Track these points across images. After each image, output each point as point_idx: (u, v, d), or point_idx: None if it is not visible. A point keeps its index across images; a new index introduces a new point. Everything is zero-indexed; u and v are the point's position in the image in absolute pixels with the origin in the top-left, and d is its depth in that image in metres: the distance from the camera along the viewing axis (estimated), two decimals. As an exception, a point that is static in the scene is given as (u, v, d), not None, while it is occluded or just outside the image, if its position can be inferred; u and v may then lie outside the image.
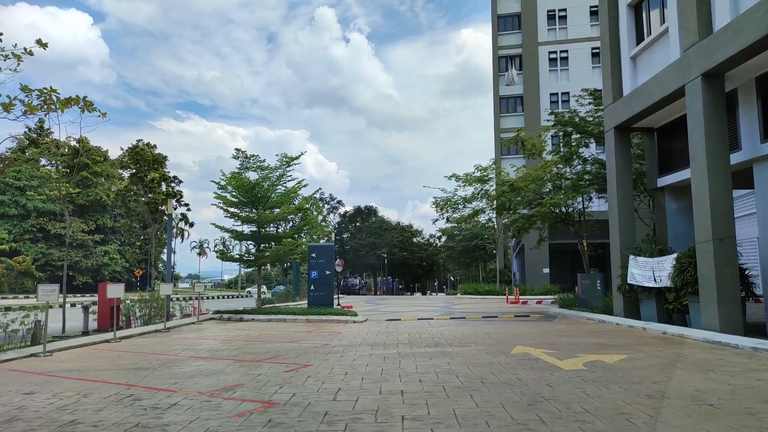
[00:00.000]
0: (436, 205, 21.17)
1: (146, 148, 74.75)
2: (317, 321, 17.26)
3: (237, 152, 19.88)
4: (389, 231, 68.77)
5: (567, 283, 39.31)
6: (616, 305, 15.00)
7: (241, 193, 20.14)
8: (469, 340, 11.35)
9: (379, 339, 11.93)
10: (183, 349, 10.96)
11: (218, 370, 8.13)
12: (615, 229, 15.12)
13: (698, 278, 11.26)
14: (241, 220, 20.56)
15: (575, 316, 16.80)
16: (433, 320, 17.08)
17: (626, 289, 14.32)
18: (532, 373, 7.22)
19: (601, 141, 18.76)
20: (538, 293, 31.74)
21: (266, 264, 20.84)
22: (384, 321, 17.07)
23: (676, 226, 14.66)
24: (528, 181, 18.84)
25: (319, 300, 19.05)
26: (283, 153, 20.28)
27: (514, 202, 19.47)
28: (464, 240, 46.41)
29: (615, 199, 15.07)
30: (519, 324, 15.10)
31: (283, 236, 20.44)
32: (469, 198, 20.98)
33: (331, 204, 71.34)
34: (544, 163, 19.44)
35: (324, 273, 19.23)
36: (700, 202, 11.14)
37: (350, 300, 34.19)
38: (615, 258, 15.16)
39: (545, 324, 14.94)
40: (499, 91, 43.71)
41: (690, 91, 11.45)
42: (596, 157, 18.99)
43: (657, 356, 8.65)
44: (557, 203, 18.15)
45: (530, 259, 39.49)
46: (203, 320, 18.71)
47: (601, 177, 17.95)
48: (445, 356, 9.01)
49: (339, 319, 17.19)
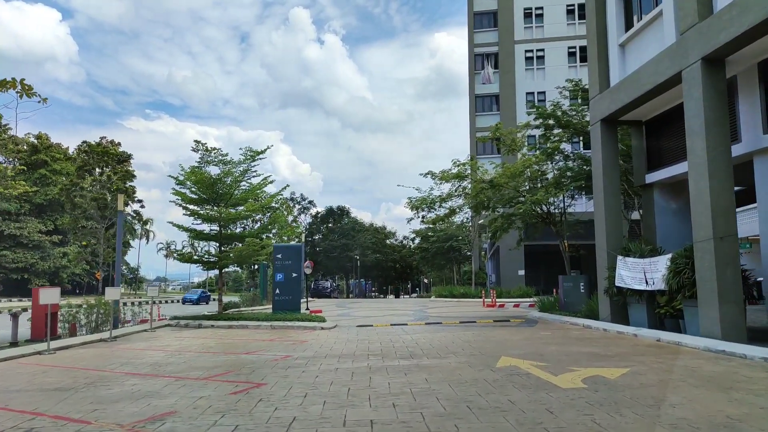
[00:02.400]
0: (410, 205, 19.98)
1: (110, 145, 72.32)
2: (282, 328, 15.95)
3: (197, 144, 18.41)
4: (362, 232, 67.41)
5: (541, 285, 38.67)
6: (602, 309, 14.07)
7: (202, 189, 18.68)
8: (447, 349, 10.21)
9: (348, 349, 10.70)
10: (122, 363, 9.57)
11: (154, 391, 6.81)
12: (601, 227, 14.20)
13: (696, 280, 10.34)
14: (202, 219, 19.10)
15: (558, 320, 15.85)
16: (408, 326, 15.93)
17: (614, 292, 13.39)
18: (525, 394, 6.11)
19: (584, 135, 17.90)
20: (515, 296, 30.88)
21: (229, 266, 19.40)
22: (354, 327, 15.85)
23: (666, 225, 13.81)
24: (508, 177, 17.85)
25: (285, 305, 17.71)
26: (248, 146, 18.88)
27: (493, 201, 18.47)
28: (438, 241, 45.42)
29: (602, 195, 14.16)
30: (499, 330, 14.05)
31: (247, 236, 19.02)
32: (446, 196, 19.88)
33: (302, 204, 69.53)
34: (524, 158, 18.48)
35: (290, 275, 17.89)
36: (699, 197, 10.23)
37: (321, 304, 32.83)
38: (601, 259, 14.23)
39: (528, 330, 13.91)
40: (475, 90, 42.92)
41: (688, 77, 10.54)
42: (580, 153, 18.10)
43: (661, 369, 7.63)
44: (539, 200, 17.15)
45: (506, 260, 38.72)
46: (158, 327, 17.21)
47: (585, 174, 17.10)
48: (422, 371, 7.84)
49: (306, 325, 15.91)
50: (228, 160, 18.88)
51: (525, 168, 17.90)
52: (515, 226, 20.36)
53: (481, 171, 19.62)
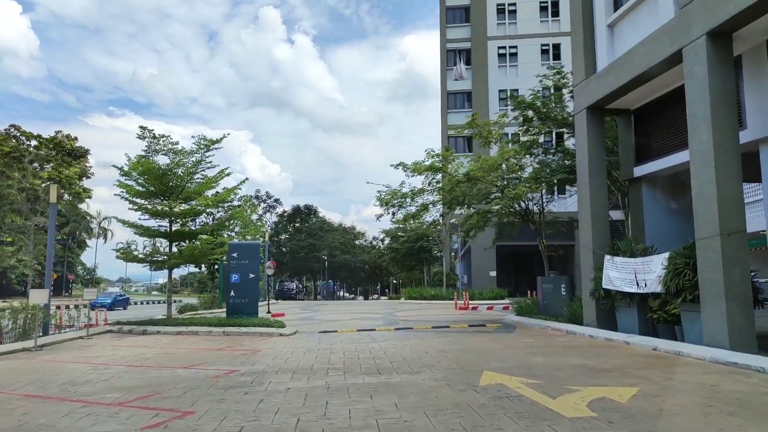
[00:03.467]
0: (380, 200, 18.49)
1: (66, 140, 68.82)
2: (236, 334, 14.36)
3: (142, 131, 16.63)
4: (331, 232, 65.67)
5: (512, 286, 37.80)
6: (587, 314, 12.93)
7: (149, 180, 16.92)
8: (420, 361, 8.85)
9: (306, 361, 9.24)
10: (31, 380, 7.91)
11: (44, 424, 5.26)
12: (586, 224, 13.07)
13: (699, 282, 9.22)
14: (150, 214, 17.32)
15: (538, 325, 14.67)
16: (375, 332, 14.53)
17: (601, 295, 12.26)
18: (523, 426, 4.78)
19: (565, 127, 16.81)
20: (487, 297, 29.82)
21: (179, 266, 17.67)
22: (317, 334, 14.37)
23: (656, 222, 12.76)
24: (485, 170, 16.63)
25: (241, 308, 16.09)
26: (201, 134, 17.20)
27: (469, 196, 17.23)
28: (409, 241, 44.13)
29: (587, 190, 13.02)
30: (476, 336, 12.77)
31: (200, 233, 17.33)
32: (418, 191, 18.53)
33: (268, 203, 67.17)
34: (501, 150, 17.27)
35: (247, 276, 16.27)
36: (703, 189, 9.12)
37: (285, 306, 31.19)
38: (586, 259, 13.10)
39: (507, 337, 12.67)
40: (447, 87, 41.83)
41: (690, 54, 9.43)
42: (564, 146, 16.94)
43: (675, 389, 6.41)
44: (519, 195, 15.94)
45: (477, 261, 37.72)
46: (98, 333, 15.43)
47: (566, 167, 16.02)
48: (391, 391, 6.45)
49: (262, 331, 14.36)
50: (179, 149, 17.17)
51: (503, 160, 16.70)
52: (491, 224, 19.19)
53: (455, 164, 18.34)
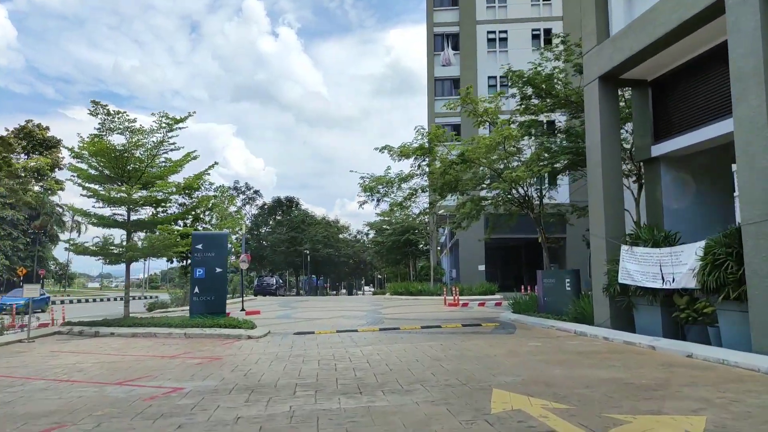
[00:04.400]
0: (363, 187, 16.59)
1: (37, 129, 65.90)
2: (198, 337, 12.61)
3: (95, 106, 14.67)
4: (313, 225, 63.61)
5: (499, 280, 36.37)
6: (599, 312, 11.36)
7: (104, 163, 15.03)
8: (411, 374, 7.18)
9: (271, 374, 7.53)
10: None
11: None
12: (598, 211, 11.48)
13: (746, 276, 7.66)
14: (105, 201, 15.42)
15: (539, 325, 13.09)
16: (358, 333, 12.86)
17: (616, 291, 10.68)
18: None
19: (569, 106, 15.21)
20: (477, 292, 28.25)
21: (138, 259, 15.77)
22: (291, 335, 12.66)
23: (676, 208, 11.22)
24: (482, 151, 14.93)
25: (207, 306, 14.28)
26: (164, 111, 15.30)
27: (462, 182, 15.55)
28: (394, 234, 42.41)
29: (599, 171, 11.43)
30: (473, 339, 11.14)
31: (161, 222, 15.45)
32: (406, 176, 16.74)
33: (248, 194, 64.65)
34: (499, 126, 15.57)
35: (213, 271, 14.46)
36: (753, 162, 7.56)
37: (263, 303, 29.38)
38: (598, 250, 11.52)
39: (509, 339, 11.06)
40: (434, 73, 40.10)
41: (736, 3, 7.83)
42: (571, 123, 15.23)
43: (754, 417, 4.81)
44: (520, 177, 14.22)
45: (466, 255, 36.18)
46: (45, 336, 13.60)
47: (571, 149, 14.44)
48: (374, 421, 4.76)
49: (229, 333, 12.60)
50: (137, 128, 15.25)
51: (502, 138, 15.01)
52: (486, 213, 17.53)
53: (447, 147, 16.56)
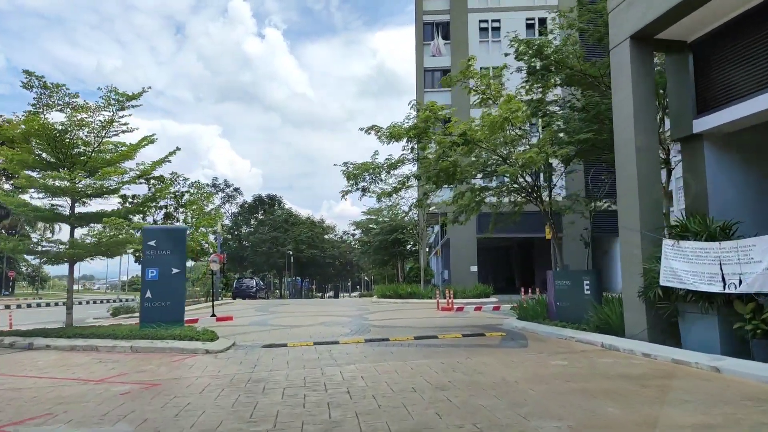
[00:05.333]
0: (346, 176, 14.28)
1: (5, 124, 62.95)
2: (145, 351, 10.42)
3: (29, 77, 12.38)
4: (298, 225, 61.10)
5: (490, 282, 34.50)
6: (631, 321, 9.36)
7: (42, 144, 12.79)
8: (408, 415, 5.09)
9: (215, 412, 5.39)
10: None
11: None
12: (631, 197, 9.48)
13: None
14: (43, 190, 13.18)
15: (554, 335, 11.07)
16: (339, 345, 10.75)
17: (657, 297, 8.68)
18: None
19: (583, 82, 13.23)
20: (471, 295, 26.19)
21: (82, 258, 13.48)
22: (259, 349, 10.51)
23: (722, 192, 9.26)
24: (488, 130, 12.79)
25: (161, 314, 12.05)
26: (112, 86, 13.06)
27: (461, 168, 13.43)
28: (381, 233, 40.25)
29: (631, 150, 9.44)
30: (481, 356, 9.07)
31: (110, 215, 13.20)
32: (396, 162, 14.59)
33: (227, 192, 61.66)
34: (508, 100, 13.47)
35: (169, 272, 12.23)
36: None
37: (239, 307, 27.04)
38: (629, 245, 9.51)
39: (525, 356, 9.01)
40: (423, 63, 38.06)
41: None
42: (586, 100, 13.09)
43: None
44: (533, 160, 12.00)
45: (457, 255, 34.20)
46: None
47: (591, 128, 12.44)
48: None
49: (184, 347, 10.42)
50: (81, 104, 13.02)
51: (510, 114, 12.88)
52: (490, 204, 15.41)
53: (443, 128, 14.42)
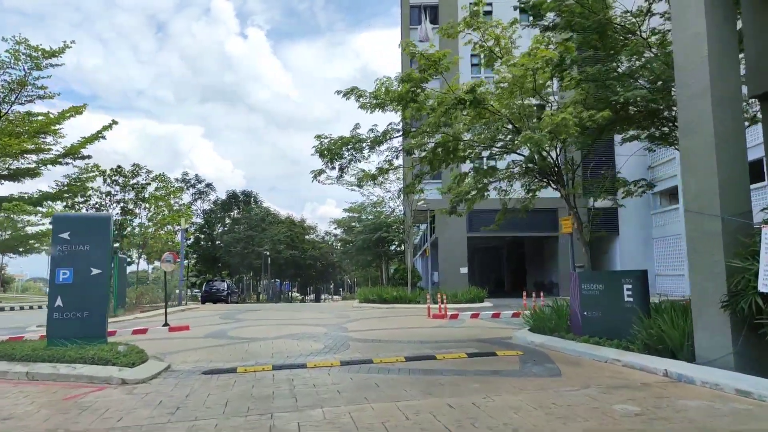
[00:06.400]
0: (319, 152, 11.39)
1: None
2: (46, 378, 7.67)
3: None
4: (276, 224, 57.99)
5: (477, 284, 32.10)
6: (708, 341, 6.79)
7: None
8: None
9: None
10: None
11: None
12: (706, 169, 6.92)
13: None
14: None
15: (590, 356, 8.49)
16: (306, 370, 8.06)
17: (751, 309, 6.13)
18: None
19: (625, 51, 10.72)
20: (464, 300, 23.56)
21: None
22: (197, 376, 7.78)
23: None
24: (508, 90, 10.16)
25: (75, 329, 9.19)
26: (23, 37, 10.23)
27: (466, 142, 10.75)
28: (364, 232, 37.54)
29: (706, 104, 6.88)
30: (505, 393, 6.44)
31: (13, 200, 10.32)
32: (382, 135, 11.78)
33: (198, 188, 57.94)
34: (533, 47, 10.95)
35: (87, 272, 9.36)
36: None
37: (203, 314, 24.14)
38: (702, 236, 6.94)
39: (571, 395, 6.40)
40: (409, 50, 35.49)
41: None
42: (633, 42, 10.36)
43: None
44: (565, 126, 9.15)
45: (447, 256, 31.69)
46: None
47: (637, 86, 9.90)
48: None
49: (93, 375, 7.66)
50: (-24, 57, 10.17)
51: (534, 64, 10.26)
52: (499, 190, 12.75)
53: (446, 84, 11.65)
